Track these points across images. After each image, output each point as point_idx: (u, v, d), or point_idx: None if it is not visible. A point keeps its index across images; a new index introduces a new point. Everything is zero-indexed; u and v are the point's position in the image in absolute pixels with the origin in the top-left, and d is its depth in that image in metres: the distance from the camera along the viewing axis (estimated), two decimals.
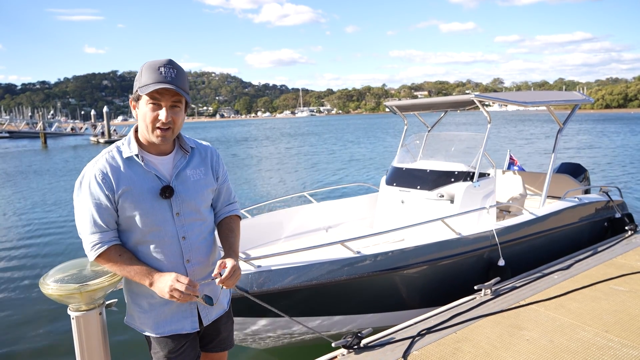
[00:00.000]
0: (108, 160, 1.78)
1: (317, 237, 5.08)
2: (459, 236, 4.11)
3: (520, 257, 4.65)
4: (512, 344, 3.06)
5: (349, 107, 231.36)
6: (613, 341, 3.04)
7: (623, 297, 3.76)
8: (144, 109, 1.74)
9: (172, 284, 1.67)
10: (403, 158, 5.67)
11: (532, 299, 3.77)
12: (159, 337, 1.90)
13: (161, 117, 1.73)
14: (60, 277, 1.94)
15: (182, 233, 1.84)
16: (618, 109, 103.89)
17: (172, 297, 1.68)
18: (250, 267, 3.28)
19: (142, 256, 1.82)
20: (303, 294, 3.42)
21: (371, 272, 3.59)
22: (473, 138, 5.32)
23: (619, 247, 5.12)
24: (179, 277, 1.70)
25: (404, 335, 3.26)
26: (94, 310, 1.97)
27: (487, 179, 4.82)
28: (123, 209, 1.76)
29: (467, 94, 4.95)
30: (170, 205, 1.81)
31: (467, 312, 3.57)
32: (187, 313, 1.90)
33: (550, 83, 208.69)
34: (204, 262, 1.92)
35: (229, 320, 2.12)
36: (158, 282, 1.71)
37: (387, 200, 5.31)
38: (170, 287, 1.67)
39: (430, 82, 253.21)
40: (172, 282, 1.68)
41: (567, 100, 5.73)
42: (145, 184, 1.78)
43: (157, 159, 1.84)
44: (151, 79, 1.69)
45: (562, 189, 5.85)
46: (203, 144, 2.01)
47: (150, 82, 1.69)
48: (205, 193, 1.92)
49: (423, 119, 6.63)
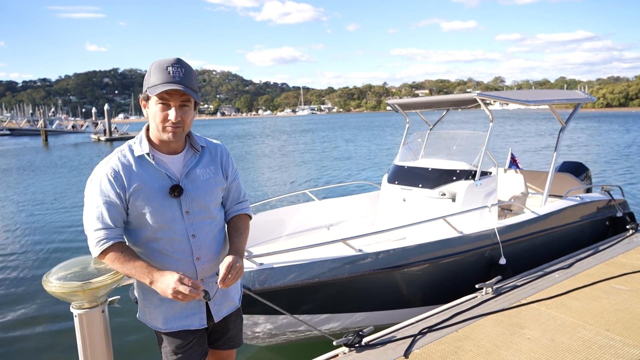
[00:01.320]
0: (120, 159, 1.80)
1: (319, 235, 5.09)
2: (460, 234, 4.11)
3: (522, 256, 4.65)
4: (514, 342, 3.06)
5: (350, 106, 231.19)
6: (614, 340, 3.04)
7: (624, 296, 3.76)
8: (154, 109, 1.76)
9: (175, 286, 1.64)
10: (405, 156, 5.67)
11: (533, 297, 3.77)
12: (167, 333, 1.92)
13: (170, 117, 1.74)
14: (63, 275, 1.94)
15: (192, 231, 1.85)
16: (619, 107, 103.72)
17: (176, 298, 1.66)
18: (252, 264, 3.30)
19: (152, 253, 1.84)
20: (305, 292, 3.42)
21: (373, 270, 3.59)
22: (475, 136, 5.31)
23: (620, 246, 5.12)
24: (182, 279, 1.66)
25: (405, 333, 3.26)
26: (96, 308, 1.97)
27: (488, 177, 4.82)
28: (134, 207, 1.78)
29: (470, 93, 4.94)
30: (180, 204, 1.83)
31: (468, 311, 3.57)
32: (196, 309, 1.91)
33: (552, 82, 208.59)
34: (214, 259, 1.93)
35: (238, 318, 2.13)
36: (158, 282, 1.70)
37: (388, 198, 5.31)
38: (173, 289, 1.65)
39: (432, 81, 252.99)
40: (175, 284, 1.65)
41: (570, 99, 5.72)
42: (156, 183, 1.80)
43: (168, 157, 1.85)
44: (160, 79, 1.71)
45: (563, 188, 5.84)
46: (213, 142, 2.02)
47: (158, 82, 1.71)
48: (215, 192, 1.94)
49: (425, 117, 6.63)
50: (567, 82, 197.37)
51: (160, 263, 1.83)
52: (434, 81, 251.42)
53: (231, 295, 2.04)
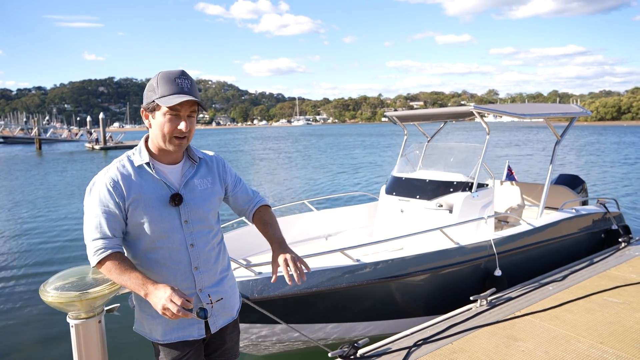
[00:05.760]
0: (119, 169, 1.81)
1: (317, 245, 5.09)
2: (457, 245, 4.13)
3: (517, 268, 4.67)
4: (508, 355, 3.07)
5: (345, 117, 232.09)
6: (608, 353, 3.06)
7: (617, 308, 3.78)
8: (162, 120, 1.76)
9: (165, 303, 1.59)
10: (403, 168, 5.70)
11: (528, 309, 3.79)
12: (165, 344, 1.90)
13: (181, 127, 1.76)
14: (60, 285, 1.93)
15: (190, 240, 1.86)
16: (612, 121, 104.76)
17: (164, 314, 1.61)
18: (250, 273, 3.31)
19: (151, 263, 1.84)
20: (302, 301, 3.43)
21: (370, 280, 3.60)
22: (472, 149, 5.36)
23: (613, 259, 5.16)
24: (173, 296, 1.59)
25: (401, 345, 3.26)
26: (93, 318, 1.96)
27: (485, 189, 4.86)
28: (133, 216, 1.79)
29: (466, 105, 5.00)
30: (179, 213, 1.84)
31: (463, 323, 3.58)
32: (194, 319, 1.89)
33: (545, 95, 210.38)
34: (212, 269, 1.93)
35: (235, 330, 2.12)
36: (152, 295, 1.65)
37: (386, 209, 5.34)
38: (163, 305, 1.60)
39: (426, 93, 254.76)
40: (165, 301, 1.59)
41: (565, 112, 5.79)
42: (155, 192, 1.81)
43: (167, 167, 1.87)
44: (170, 90, 1.73)
45: (559, 200, 5.89)
46: (209, 154, 2.04)
47: (169, 93, 1.73)
48: (213, 201, 1.95)
49: (422, 129, 6.69)
50: (560, 95, 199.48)
51: (158, 274, 1.83)
52: (428, 93, 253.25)
53: (230, 306, 2.03)
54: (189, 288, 1.86)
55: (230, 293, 2.02)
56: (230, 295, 2.02)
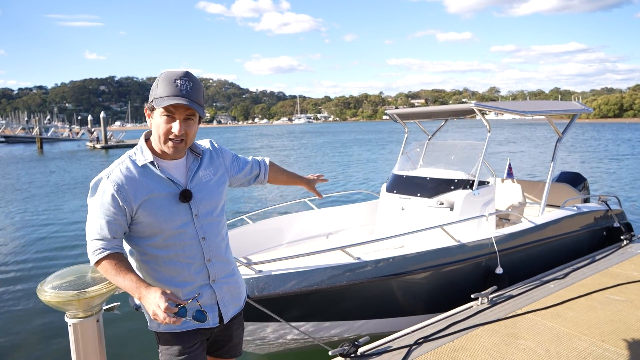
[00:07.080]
0: (123, 172, 1.77)
1: (318, 243, 5.10)
2: (458, 243, 4.12)
3: (519, 265, 4.66)
4: (509, 353, 3.06)
5: (346, 115, 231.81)
6: (610, 351, 3.04)
7: (619, 306, 3.77)
8: (158, 120, 1.75)
9: (154, 309, 1.57)
10: (403, 165, 5.69)
11: (529, 307, 3.77)
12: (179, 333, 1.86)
13: (174, 130, 1.74)
14: (58, 284, 1.93)
15: (202, 234, 1.86)
16: (614, 118, 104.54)
17: (155, 319, 1.59)
18: (251, 272, 3.30)
19: (164, 261, 1.83)
20: (303, 300, 3.42)
21: (371, 278, 3.60)
22: (473, 146, 5.35)
23: (615, 256, 5.14)
24: (160, 302, 1.56)
25: (401, 343, 3.25)
26: (91, 317, 1.96)
27: (486, 187, 4.84)
28: (143, 217, 1.77)
29: (467, 103, 4.98)
30: (190, 208, 1.83)
31: (464, 321, 3.56)
32: (208, 308, 1.89)
33: (546, 92, 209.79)
34: (224, 260, 1.95)
35: (240, 326, 2.13)
36: (144, 299, 1.64)
37: (387, 207, 5.33)
38: (152, 311, 1.58)
39: (427, 90, 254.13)
40: (154, 307, 1.57)
41: (566, 110, 5.78)
42: (163, 191, 1.80)
43: (171, 163, 1.85)
44: (166, 91, 1.71)
45: (561, 198, 5.87)
46: (205, 146, 2.02)
47: (165, 94, 1.71)
48: (221, 191, 1.96)
49: (423, 126, 6.68)
50: (562, 92, 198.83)
51: (173, 271, 1.82)
52: (429, 91, 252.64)
53: (238, 292, 2.04)
54: (203, 280, 1.87)
55: (240, 282, 2.06)
56: (240, 285, 2.06)
